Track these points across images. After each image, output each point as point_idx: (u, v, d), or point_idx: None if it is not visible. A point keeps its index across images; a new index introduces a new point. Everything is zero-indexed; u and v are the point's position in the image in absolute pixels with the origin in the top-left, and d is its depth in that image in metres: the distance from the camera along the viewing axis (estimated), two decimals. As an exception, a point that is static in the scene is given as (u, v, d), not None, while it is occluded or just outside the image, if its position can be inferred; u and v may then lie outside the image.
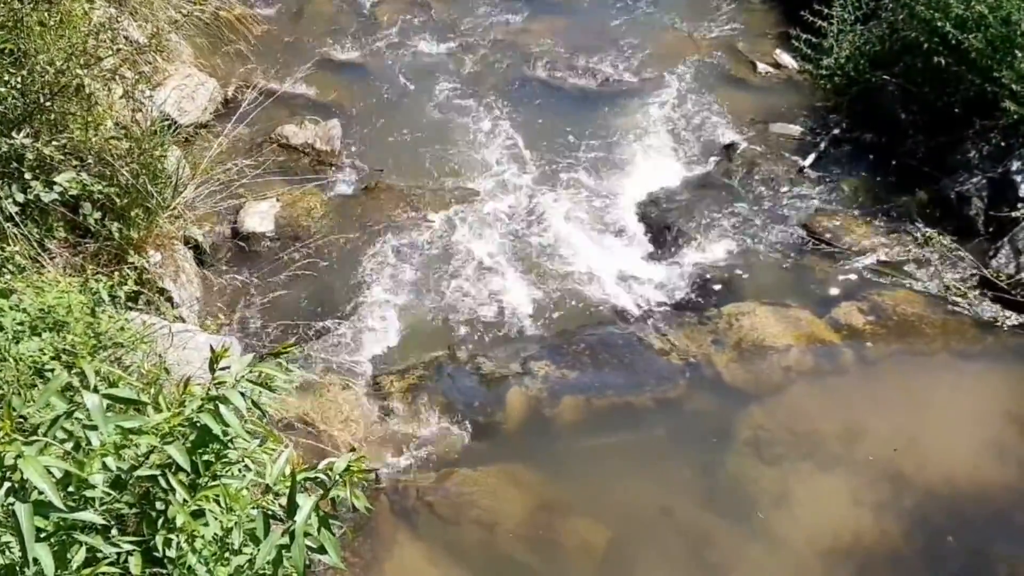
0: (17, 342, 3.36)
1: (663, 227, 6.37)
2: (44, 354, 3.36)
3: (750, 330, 5.51)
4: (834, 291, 5.85)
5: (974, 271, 5.85)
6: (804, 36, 7.66)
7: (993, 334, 5.47)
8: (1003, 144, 6.35)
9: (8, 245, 4.17)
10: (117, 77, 4.89)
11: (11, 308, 3.53)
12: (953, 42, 6.36)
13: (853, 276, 5.93)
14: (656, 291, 5.89)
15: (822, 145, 7.05)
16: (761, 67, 8.14)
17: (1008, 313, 5.57)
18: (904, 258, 6.04)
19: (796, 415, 5.06)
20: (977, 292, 5.73)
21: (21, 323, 3.50)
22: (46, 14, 4.79)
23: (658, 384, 5.23)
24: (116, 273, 4.48)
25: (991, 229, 6.10)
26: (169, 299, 4.99)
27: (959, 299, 5.69)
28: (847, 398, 5.15)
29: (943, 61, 6.45)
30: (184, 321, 4.89)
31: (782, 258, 6.13)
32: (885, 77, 7.04)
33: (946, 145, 6.64)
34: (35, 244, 4.41)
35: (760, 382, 5.24)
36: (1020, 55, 6.12)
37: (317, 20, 8.59)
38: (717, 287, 5.91)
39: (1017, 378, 5.31)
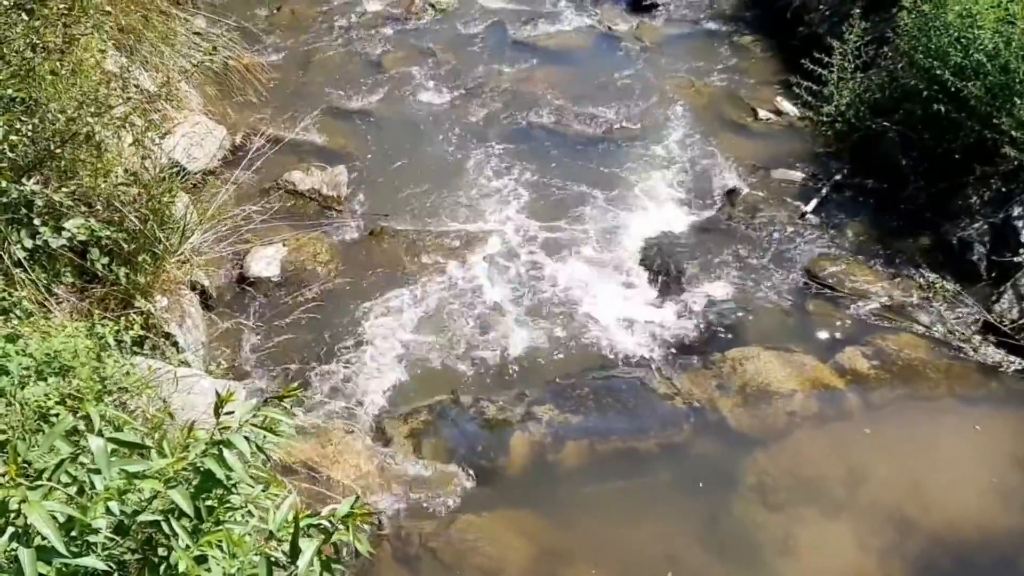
0: (23, 387, 3.38)
1: (667, 271, 6.39)
2: (49, 399, 3.37)
3: (754, 375, 5.51)
4: (838, 336, 5.86)
5: (978, 316, 5.86)
6: (804, 84, 7.75)
7: (997, 379, 5.48)
8: (1004, 190, 6.40)
9: (16, 290, 4.20)
10: (127, 125, 4.95)
11: (18, 353, 3.55)
12: (952, 90, 6.44)
13: (857, 321, 5.94)
14: (660, 335, 5.90)
15: (824, 190, 7.10)
16: (762, 114, 8.23)
17: (1012, 358, 5.58)
18: (907, 303, 6.05)
19: (801, 460, 5.04)
20: (981, 337, 5.74)
21: (27, 368, 3.52)
22: (58, 64, 4.88)
23: (662, 429, 5.23)
24: (123, 318, 4.51)
25: (994, 274, 6.13)
26: (175, 343, 5.01)
27: (963, 344, 5.69)
28: (852, 443, 5.13)
29: (943, 108, 6.53)
30: (189, 365, 4.90)
31: (786, 302, 6.15)
32: (885, 124, 7.12)
33: (947, 191, 6.68)
34: (43, 289, 4.45)
35: (765, 427, 5.23)
36: (1019, 102, 6.18)
37: (325, 69, 8.72)
38: (721, 331, 5.92)
39: (1022, 423, 5.29)
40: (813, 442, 5.16)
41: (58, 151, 4.66)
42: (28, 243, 4.35)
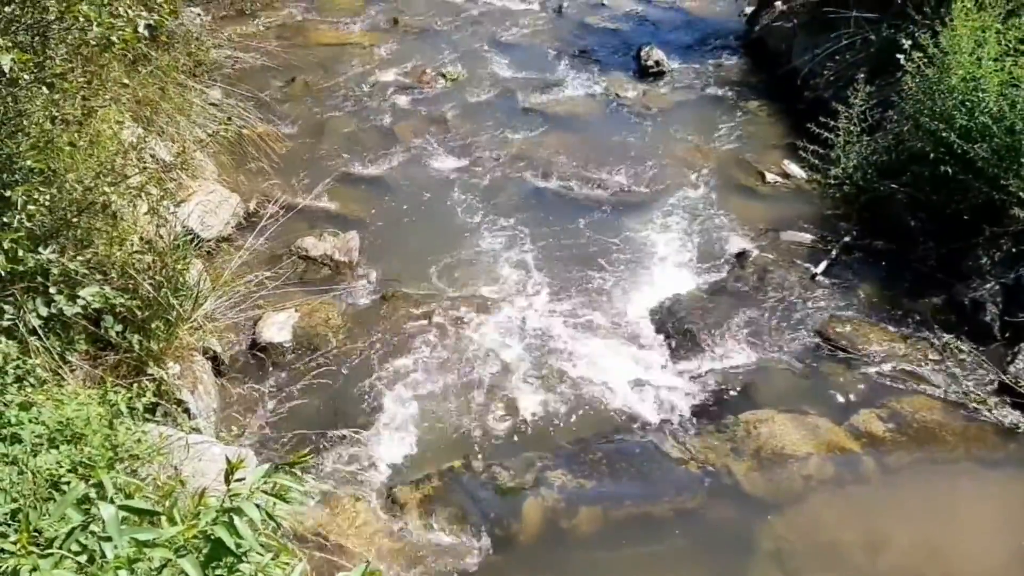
0: (35, 455, 3.39)
1: (678, 334, 6.39)
2: (61, 466, 3.37)
3: (769, 438, 5.46)
4: (852, 398, 5.81)
5: (993, 377, 5.82)
6: (811, 147, 7.83)
7: (1015, 441, 5.41)
8: (1014, 250, 6.41)
9: (30, 358, 4.23)
10: (143, 194, 5.04)
11: (31, 421, 3.56)
12: (959, 151, 6.49)
13: (870, 383, 5.90)
14: (672, 398, 5.86)
15: (834, 252, 7.12)
16: (770, 177, 8.31)
17: (1029, 419, 5.52)
18: (921, 364, 6.01)
19: (817, 525, 4.97)
20: (997, 398, 5.68)
21: (40, 436, 3.53)
22: (77, 135, 4.99)
23: (677, 494, 5.17)
24: (135, 385, 4.53)
25: (1007, 335, 6.10)
26: (186, 410, 5.02)
27: (979, 405, 5.64)
28: (869, 507, 5.06)
29: (950, 170, 6.57)
30: (201, 432, 4.90)
31: (798, 365, 6.12)
32: (893, 186, 7.17)
33: (957, 251, 6.70)
34: (57, 357, 4.48)
35: (780, 491, 5.16)
36: (1026, 163, 6.24)
37: (337, 137, 8.87)
38: (734, 394, 5.89)
39: (1042, 486, 5.22)
40: (830, 506, 5.08)
41: (75, 220, 4.74)
42: (43, 311, 4.40)
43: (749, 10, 12.18)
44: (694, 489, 5.18)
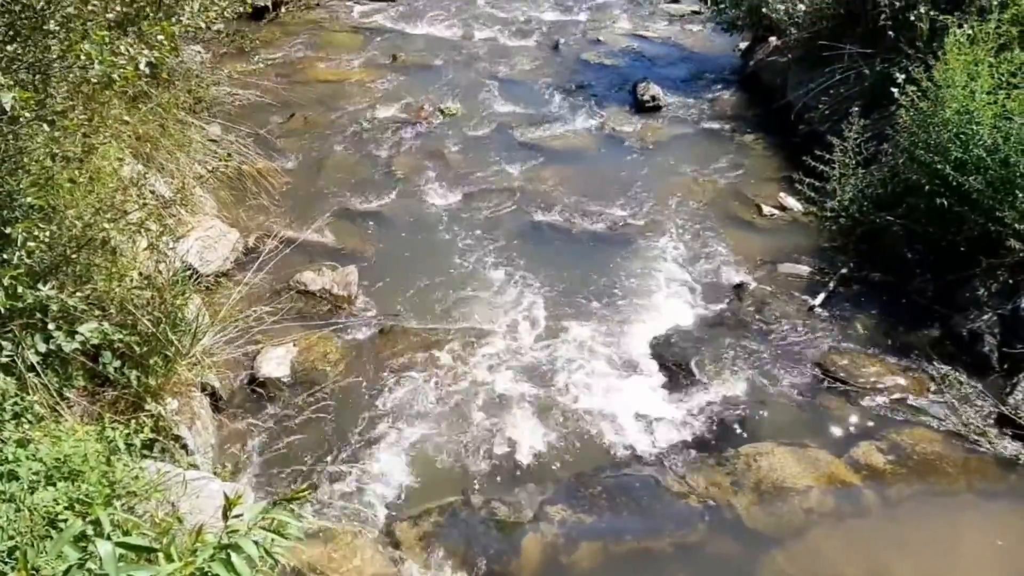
0: (33, 492, 3.37)
1: (677, 366, 6.38)
2: (58, 503, 3.36)
3: (769, 471, 5.44)
4: (852, 430, 5.80)
5: (992, 408, 5.81)
6: (807, 180, 7.88)
7: (1016, 472, 5.39)
8: (1011, 281, 6.43)
9: (28, 394, 4.23)
10: (142, 230, 5.06)
11: (28, 458, 3.55)
12: (954, 184, 6.53)
13: (870, 415, 5.89)
14: (672, 431, 5.84)
15: (831, 284, 7.14)
16: (767, 209, 8.35)
17: (1030, 451, 5.50)
18: (920, 395, 6.01)
19: (819, 559, 4.93)
20: (996, 430, 5.67)
21: (37, 472, 3.52)
22: (77, 172, 5.02)
23: (677, 528, 5.13)
24: (133, 421, 4.52)
25: (1006, 366, 6.10)
26: (184, 446, 5.00)
27: (978, 437, 5.62)
28: (870, 540, 5.02)
29: (945, 202, 6.61)
30: (198, 468, 4.88)
31: (798, 397, 6.11)
32: (889, 218, 7.20)
33: (954, 283, 6.72)
34: (55, 393, 4.47)
35: (781, 525, 5.12)
36: (1021, 195, 6.27)
37: (336, 172, 8.93)
38: (734, 426, 5.87)
39: (1044, 517, 5.19)
40: (831, 540, 5.04)
41: (74, 256, 4.75)
42: (42, 347, 4.40)
43: (744, 45, 12.34)
44: (695, 523, 5.15)
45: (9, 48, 4.50)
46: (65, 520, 3.25)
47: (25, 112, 4.18)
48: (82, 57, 4.47)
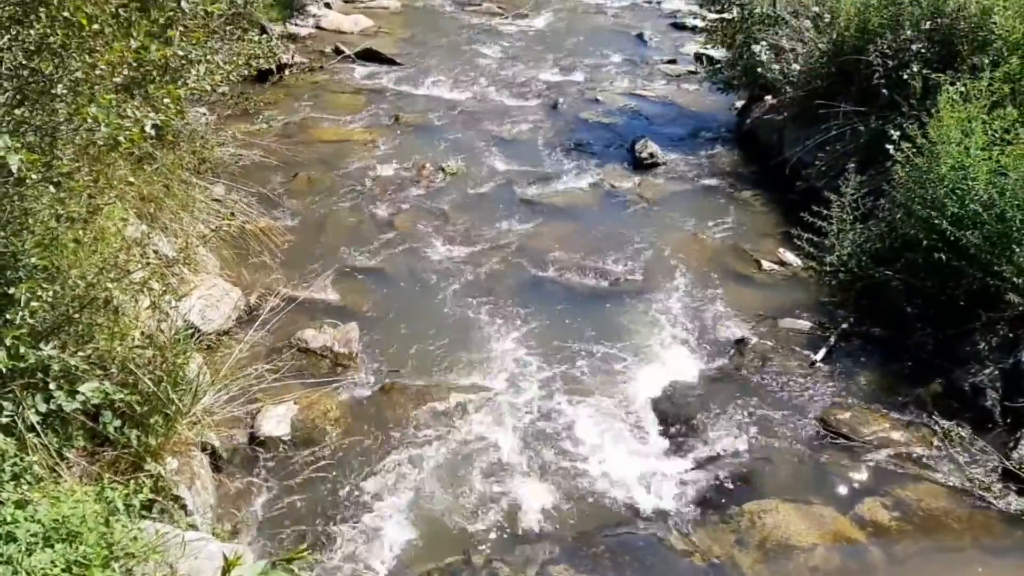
0: (30, 554, 3.34)
1: (680, 422, 6.36)
2: (56, 566, 3.33)
3: (773, 528, 5.38)
4: (856, 486, 5.76)
5: (996, 463, 5.77)
6: (805, 235, 7.94)
7: (1022, 528, 5.33)
8: (1011, 335, 6.44)
9: (28, 455, 4.21)
10: (145, 289, 5.08)
11: (26, 519, 3.53)
12: (951, 238, 6.58)
13: (874, 470, 5.86)
14: (675, 488, 5.80)
15: (832, 339, 7.14)
16: (766, 265, 8.40)
17: (1035, 506, 5.46)
18: (924, 451, 5.98)
19: (826, 619, 4.86)
20: (1001, 484, 5.63)
21: (35, 534, 3.49)
22: (81, 232, 5.06)
23: (681, 588, 5.07)
24: (132, 481, 4.49)
25: (1008, 420, 6.08)
26: (183, 506, 4.96)
27: (984, 492, 5.58)
28: (878, 599, 4.97)
29: (943, 257, 6.65)
30: (197, 528, 4.83)
31: (801, 452, 6.08)
32: (888, 272, 7.24)
33: (955, 337, 6.72)
34: (54, 453, 4.45)
35: (787, 584, 5.07)
36: (1018, 250, 6.30)
37: (339, 230, 8.99)
38: (737, 483, 5.83)
39: (1053, 574, 5.13)
40: (838, 599, 4.99)
41: (76, 316, 4.77)
42: (42, 407, 4.39)
43: (740, 103, 12.52)
44: (699, 582, 5.09)
45: (17, 111, 4.57)
46: (61, 583, 3.22)
47: (31, 174, 4.22)
48: (89, 120, 4.52)
